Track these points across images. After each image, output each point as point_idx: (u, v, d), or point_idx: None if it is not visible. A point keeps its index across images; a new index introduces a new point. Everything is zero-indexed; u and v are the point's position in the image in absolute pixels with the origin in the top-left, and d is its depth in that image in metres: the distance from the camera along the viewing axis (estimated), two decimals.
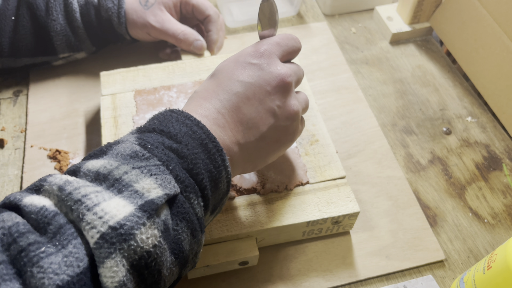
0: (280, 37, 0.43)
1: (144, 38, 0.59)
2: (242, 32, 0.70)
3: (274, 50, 0.41)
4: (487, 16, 0.61)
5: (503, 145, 0.59)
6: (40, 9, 0.55)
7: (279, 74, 0.40)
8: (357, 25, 0.73)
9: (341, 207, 0.47)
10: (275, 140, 0.41)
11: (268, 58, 0.41)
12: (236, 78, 0.40)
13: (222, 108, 0.39)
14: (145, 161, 0.33)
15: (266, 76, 0.40)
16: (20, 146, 0.55)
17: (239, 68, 0.40)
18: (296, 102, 0.42)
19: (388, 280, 0.48)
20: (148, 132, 0.36)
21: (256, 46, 0.42)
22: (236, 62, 0.41)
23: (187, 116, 0.37)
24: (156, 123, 0.37)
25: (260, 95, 0.40)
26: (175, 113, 0.37)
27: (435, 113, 0.62)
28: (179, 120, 0.37)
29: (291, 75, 0.41)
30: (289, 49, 0.43)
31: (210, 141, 0.36)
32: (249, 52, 0.41)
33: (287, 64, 0.42)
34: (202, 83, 0.42)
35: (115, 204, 0.29)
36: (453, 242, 0.51)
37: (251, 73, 0.40)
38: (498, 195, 0.55)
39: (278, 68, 0.40)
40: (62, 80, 0.61)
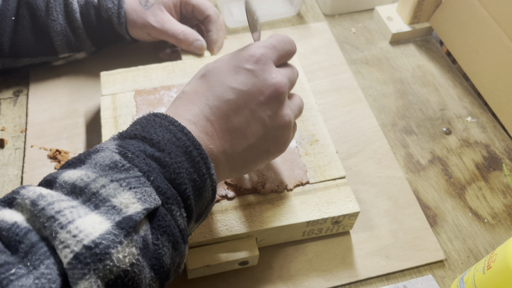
0: (277, 40, 0.41)
1: (144, 38, 0.59)
2: (242, 32, 0.70)
3: (270, 54, 0.40)
4: (487, 16, 0.61)
5: (503, 145, 0.59)
6: (40, 9, 0.55)
7: (273, 84, 0.38)
8: (357, 25, 0.73)
9: (341, 207, 0.47)
10: (264, 150, 0.40)
11: (263, 64, 0.39)
12: (228, 84, 0.38)
13: (211, 115, 0.37)
14: (124, 173, 0.31)
15: (260, 84, 0.38)
16: (20, 146, 0.55)
17: (233, 73, 0.38)
18: (289, 112, 0.40)
19: (388, 280, 0.48)
20: (130, 139, 0.35)
21: (252, 49, 0.40)
22: (230, 66, 0.39)
23: (172, 122, 0.35)
24: (138, 129, 0.35)
25: (252, 104, 0.38)
26: (159, 117, 0.36)
27: (435, 113, 0.62)
28: (162, 126, 0.35)
29: (285, 83, 0.39)
30: (285, 52, 0.41)
31: (194, 148, 0.34)
32: (245, 57, 0.39)
33: (281, 69, 0.41)
34: (191, 82, 0.40)
35: (91, 221, 0.28)
36: (453, 242, 0.51)
37: (245, 80, 0.38)
38: (498, 195, 0.55)
39: (272, 76, 0.39)
40: (62, 80, 0.62)
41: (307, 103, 0.55)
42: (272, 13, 0.72)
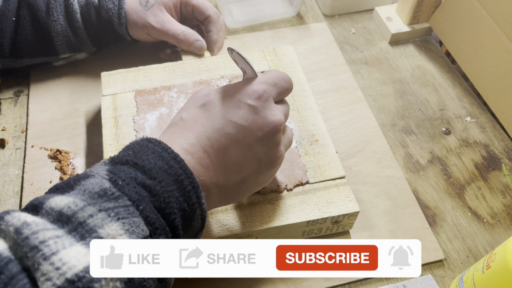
0: (277, 77, 0.41)
1: (144, 39, 0.59)
2: (242, 33, 0.70)
3: (271, 91, 0.40)
4: (487, 17, 0.61)
5: (502, 145, 0.60)
6: (40, 9, 0.55)
7: (272, 121, 0.39)
8: (357, 26, 0.73)
9: (340, 207, 0.47)
10: (255, 182, 0.41)
11: (265, 102, 0.39)
12: (229, 118, 0.38)
13: (210, 147, 0.37)
14: (113, 201, 0.31)
15: (260, 121, 0.38)
16: (21, 146, 0.56)
17: (234, 107, 0.38)
18: (282, 149, 0.41)
19: (387, 279, 0.48)
20: (121, 164, 0.34)
21: (255, 85, 0.40)
22: (232, 99, 0.39)
23: (165, 148, 0.35)
24: (130, 154, 0.35)
25: (250, 140, 0.38)
26: (152, 143, 0.35)
27: (435, 113, 0.63)
28: (155, 152, 0.34)
29: (283, 121, 0.40)
30: (284, 90, 0.42)
31: (186, 177, 0.34)
32: (248, 92, 0.39)
33: (280, 106, 0.41)
34: (189, 109, 0.40)
35: (76, 252, 0.27)
36: (453, 241, 0.51)
37: (246, 115, 0.38)
38: (498, 195, 0.55)
39: (272, 114, 0.39)
40: (62, 80, 0.62)
41: (306, 103, 0.55)
42: (272, 13, 0.72)
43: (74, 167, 0.53)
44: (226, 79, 0.57)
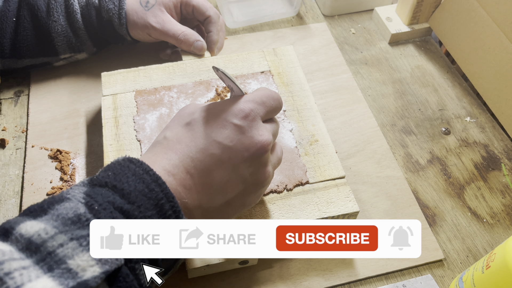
0: (266, 96, 0.40)
1: (144, 39, 0.60)
2: (242, 33, 0.70)
3: (259, 110, 0.39)
4: (486, 17, 0.62)
5: (502, 145, 0.60)
6: (41, 10, 0.55)
7: (259, 141, 0.37)
8: (357, 26, 0.73)
9: (340, 207, 0.47)
10: (241, 204, 0.39)
11: (251, 121, 0.38)
12: (214, 138, 0.37)
13: (193, 168, 0.36)
14: (87, 229, 0.29)
15: (246, 141, 0.37)
16: (21, 146, 0.56)
17: (220, 127, 0.37)
18: (270, 169, 0.40)
19: (387, 279, 0.48)
20: (100, 186, 0.33)
21: (242, 104, 0.38)
22: (217, 118, 0.38)
23: (146, 170, 0.34)
24: (110, 176, 0.33)
25: (236, 161, 0.37)
26: (134, 164, 0.34)
27: (434, 113, 0.63)
28: (136, 174, 0.33)
29: (271, 141, 0.39)
30: (272, 109, 0.40)
31: (167, 201, 0.33)
32: (234, 111, 0.38)
33: (268, 125, 0.40)
34: (173, 127, 0.39)
35: (42, 285, 0.26)
36: (452, 241, 0.51)
37: (231, 135, 0.37)
38: (497, 195, 0.55)
39: (259, 134, 0.38)
40: (63, 80, 0.62)
41: (306, 103, 0.55)
42: (272, 13, 0.72)
43: (74, 167, 0.53)
44: None
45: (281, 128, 0.53)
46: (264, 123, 0.40)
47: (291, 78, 0.58)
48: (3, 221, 0.48)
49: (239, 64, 0.59)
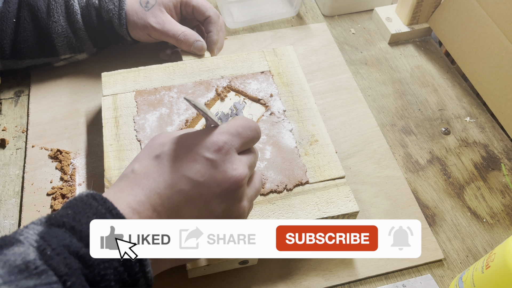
0: (243, 126, 0.38)
1: (144, 39, 0.60)
2: (242, 33, 0.71)
3: (234, 142, 0.37)
4: (486, 17, 0.62)
5: (501, 145, 0.60)
6: (41, 11, 0.55)
7: (232, 176, 0.35)
8: (356, 26, 0.73)
9: (340, 207, 0.47)
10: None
11: (225, 154, 0.36)
12: (183, 172, 0.35)
13: (160, 205, 0.34)
14: (35, 278, 0.27)
15: (218, 176, 0.35)
16: (22, 146, 0.56)
17: (190, 160, 0.35)
18: (245, 203, 0.38)
19: (387, 279, 0.48)
20: (57, 227, 0.30)
21: (215, 136, 0.36)
22: (188, 151, 0.35)
23: (109, 209, 0.32)
24: (69, 215, 0.31)
25: (207, 197, 0.35)
26: (97, 201, 0.32)
27: (434, 113, 0.63)
28: (97, 214, 0.31)
29: (246, 174, 0.36)
30: (249, 140, 0.38)
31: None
32: (206, 144, 0.35)
33: (243, 157, 0.38)
34: (142, 159, 0.37)
35: None
36: (452, 241, 0.51)
37: (203, 170, 0.35)
38: (497, 195, 0.55)
39: (233, 168, 0.36)
40: (63, 80, 0.62)
41: (306, 104, 0.55)
42: (272, 14, 0.72)
43: (74, 167, 0.53)
44: (226, 79, 0.57)
45: (281, 128, 0.53)
46: (240, 155, 0.37)
47: (291, 78, 0.58)
48: (3, 221, 0.48)
49: (239, 64, 0.59)
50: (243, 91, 0.56)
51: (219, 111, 0.54)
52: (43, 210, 0.50)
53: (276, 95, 0.56)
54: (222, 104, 0.55)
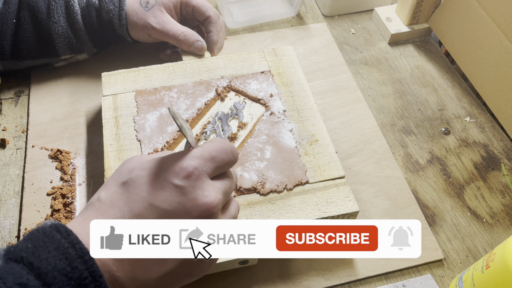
0: (217, 150, 0.36)
1: (145, 39, 0.60)
2: (242, 33, 0.71)
3: (206, 167, 0.34)
4: (486, 17, 0.62)
5: (501, 145, 0.60)
6: (41, 11, 0.56)
7: (203, 204, 0.33)
8: (356, 26, 0.74)
9: (340, 207, 0.47)
10: (185, 274, 0.35)
11: (195, 180, 0.33)
12: (150, 201, 0.33)
13: None
14: None
15: (187, 204, 0.33)
16: (22, 146, 0.56)
17: (157, 188, 0.33)
18: None
19: (387, 279, 0.48)
20: (15, 262, 0.29)
21: (185, 161, 0.34)
22: (156, 177, 0.34)
23: (72, 243, 0.30)
24: (29, 249, 0.29)
25: None
26: (60, 234, 0.30)
27: (434, 113, 0.63)
28: (59, 248, 0.29)
29: (218, 200, 0.34)
30: (224, 164, 0.36)
31: (92, 280, 0.29)
32: (174, 170, 0.33)
33: (217, 182, 0.35)
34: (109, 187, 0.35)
35: None
36: (452, 241, 0.51)
37: (170, 198, 0.33)
38: (497, 195, 0.55)
39: (205, 195, 0.33)
40: (63, 80, 0.62)
41: (306, 104, 0.56)
42: (272, 14, 0.72)
43: (74, 167, 0.53)
44: (226, 79, 0.57)
45: (281, 128, 0.53)
46: (213, 181, 0.35)
47: (291, 78, 0.58)
48: (3, 221, 0.48)
49: (239, 64, 0.59)
50: (243, 91, 0.56)
51: (219, 111, 0.54)
52: (43, 210, 0.50)
53: (276, 95, 0.56)
54: (222, 104, 0.55)
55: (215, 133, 0.52)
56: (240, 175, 0.49)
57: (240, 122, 0.54)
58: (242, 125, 0.53)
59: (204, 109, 0.54)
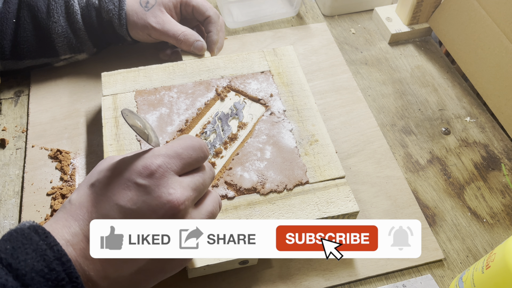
0: (183, 147, 0.35)
1: (144, 39, 0.60)
2: (242, 33, 0.71)
3: (171, 164, 0.34)
4: (486, 17, 0.62)
5: (501, 145, 0.60)
6: (41, 11, 0.55)
7: (168, 201, 0.33)
8: (357, 26, 0.73)
9: (340, 207, 0.47)
10: (159, 270, 0.35)
11: (159, 179, 0.33)
12: (114, 201, 0.33)
13: None
14: None
15: (152, 203, 0.33)
16: (21, 146, 0.56)
17: (122, 188, 0.33)
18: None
19: (387, 279, 0.48)
20: None
21: (148, 160, 0.34)
22: (120, 178, 0.34)
23: (50, 245, 0.30)
24: (8, 250, 0.30)
25: None
26: (38, 235, 0.31)
27: (434, 113, 0.63)
28: (37, 250, 0.30)
29: (186, 197, 0.34)
30: (192, 161, 0.35)
31: (69, 281, 0.30)
32: (138, 169, 0.33)
33: (186, 178, 0.35)
34: (80, 189, 0.35)
35: None
36: (452, 241, 0.51)
37: (135, 197, 0.33)
38: (497, 195, 0.55)
39: (170, 192, 0.33)
40: (63, 80, 0.62)
41: (306, 103, 0.55)
42: (272, 13, 0.72)
43: (74, 167, 0.53)
44: (226, 79, 0.57)
45: (281, 128, 0.53)
46: (181, 178, 0.35)
47: (291, 78, 0.58)
48: (3, 221, 0.48)
49: (239, 64, 0.59)
50: (243, 91, 0.56)
51: (219, 111, 0.54)
52: (43, 210, 0.50)
53: (276, 95, 0.56)
54: (222, 104, 0.55)
55: (215, 133, 0.52)
56: (240, 175, 0.49)
57: (240, 122, 0.54)
58: (242, 125, 0.53)
59: (204, 109, 0.54)
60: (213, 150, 0.51)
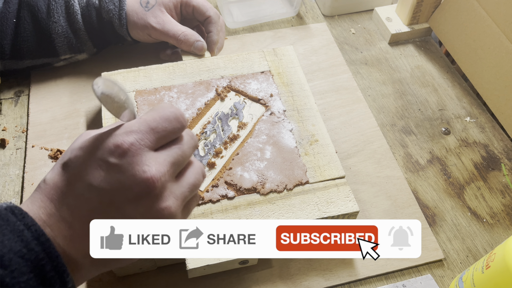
0: (156, 119, 0.33)
1: (145, 39, 0.60)
2: (242, 33, 0.71)
3: (145, 141, 0.33)
4: (486, 17, 0.62)
5: (501, 145, 0.60)
6: (41, 11, 0.55)
7: (144, 179, 0.31)
8: (357, 26, 0.73)
9: (340, 207, 0.47)
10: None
11: (132, 156, 0.32)
12: (88, 181, 0.32)
13: (69, 216, 0.32)
14: None
15: (126, 181, 0.32)
16: (22, 146, 0.56)
17: (93, 167, 0.32)
18: (170, 203, 0.33)
19: (387, 279, 0.48)
20: None
21: (119, 137, 0.32)
22: (92, 157, 0.32)
23: (28, 225, 0.30)
24: None
25: (119, 204, 0.32)
26: (16, 216, 0.30)
27: (434, 113, 0.63)
28: (14, 231, 0.29)
29: (162, 174, 0.32)
30: (168, 133, 0.34)
31: (49, 261, 0.29)
32: (109, 147, 0.32)
33: (162, 153, 0.33)
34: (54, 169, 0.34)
35: None
36: (452, 241, 0.51)
37: (107, 176, 0.32)
38: (497, 195, 0.55)
39: (144, 170, 0.32)
40: (63, 80, 0.62)
41: (306, 103, 0.55)
42: (272, 13, 0.72)
43: None
44: (226, 79, 0.57)
45: (281, 128, 0.53)
46: (156, 152, 0.33)
47: (291, 78, 0.58)
48: None
49: (239, 64, 0.59)
50: (243, 91, 0.56)
51: (219, 111, 0.54)
52: None
53: (276, 95, 0.56)
54: (222, 104, 0.55)
55: (215, 133, 0.52)
56: (240, 175, 0.49)
57: (240, 122, 0.54)
58: (242, 125, 0.53)
59: (204, 109, 0.54)
60: (213, 150, 0.51)
